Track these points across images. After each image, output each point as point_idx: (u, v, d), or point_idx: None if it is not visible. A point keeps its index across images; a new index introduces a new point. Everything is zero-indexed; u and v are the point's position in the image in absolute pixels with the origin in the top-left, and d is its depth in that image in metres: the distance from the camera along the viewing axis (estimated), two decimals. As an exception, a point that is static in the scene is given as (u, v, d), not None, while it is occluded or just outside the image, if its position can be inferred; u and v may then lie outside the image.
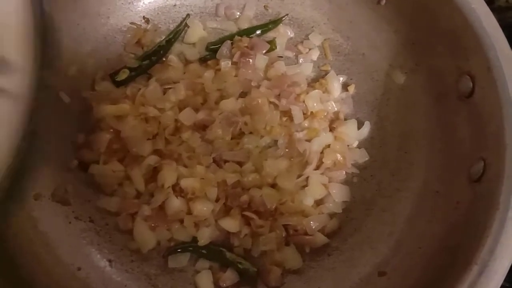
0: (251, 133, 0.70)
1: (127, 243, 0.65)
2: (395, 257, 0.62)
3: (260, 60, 0.74)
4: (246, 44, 0.74)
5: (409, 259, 0.60)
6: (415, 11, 0.67)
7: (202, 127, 0.70)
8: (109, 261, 0.64)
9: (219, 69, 0.73)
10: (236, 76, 0.73)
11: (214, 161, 0.68)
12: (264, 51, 0.75)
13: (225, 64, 0.73)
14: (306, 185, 0.68)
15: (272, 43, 0.77)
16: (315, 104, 0.72)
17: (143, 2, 0.76)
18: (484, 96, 0.58)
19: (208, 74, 0.73)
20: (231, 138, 0.69)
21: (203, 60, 0.76)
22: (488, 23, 0.58)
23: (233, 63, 0.74)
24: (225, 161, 0.69)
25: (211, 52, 0.76)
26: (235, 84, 0.72)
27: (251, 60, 0.73)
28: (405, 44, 0.71)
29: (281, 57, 0.77)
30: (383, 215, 0.67)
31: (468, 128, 0.61)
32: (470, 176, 0.58)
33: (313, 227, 0.66)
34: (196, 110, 0.70)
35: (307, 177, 0.68)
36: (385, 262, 0.62)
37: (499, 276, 0.48)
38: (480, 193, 0.55)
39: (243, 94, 0.73)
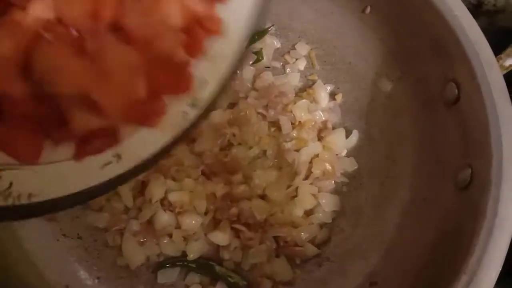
0: (239, 144, 0.70)
1: (115, 260, 0.64)
2: (385, 267, 0.62)
3: (247, 71, 0.75)
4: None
5: (400, 269, 0.60)
6: (399, 19, 0.67)
7: (190, 139, 0.70)
8: (98, 278, 0.63)
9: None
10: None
11: (203, 173, 0.68)
12: (250, 62, 0.75)
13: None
14: (295, 196, 0.68)
15: (258, 54, 0.77)
16: (303, 114, 0.72)
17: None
18: (469, 103, 0.58)
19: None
20: (220, 150, 0.69)
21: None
22: (471, 30, 0.58)
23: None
24: (214, 174, 0.68)
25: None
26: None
27: (238, 71, 0.73)
28: (390, 52, 0.71)
29: (268, 67, 0.77)
30: (373, 224, 0.67)
31: (455, 135, 0.60)
32: (458, 183, 0.57)
33: (303, 238, 0.66)
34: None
35: (297, 188, 0.68)
36: (376, 272, 0.62)
37: (487, 285, 0.48)
38: (468, 200, 0.55)
39: (230, 105, 0.73)
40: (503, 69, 0.59)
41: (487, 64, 0.56)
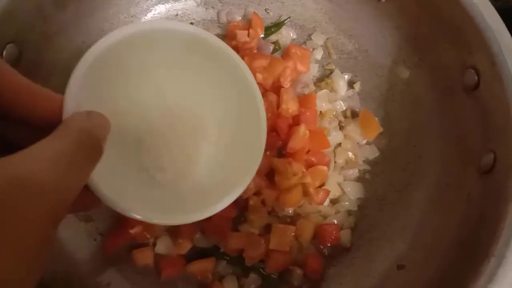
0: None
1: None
2: (411, 250, 0.64)
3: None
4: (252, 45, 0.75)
5: (426, 252, 0.62)
6: (416, 7, 0.68)
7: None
8: (138, 273, 0.66)
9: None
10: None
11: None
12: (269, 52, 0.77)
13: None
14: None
15: (276, 44, 0.78)
16: (324, 104, 0.73)
17: (145, 14, 0.76)
18: (489, 89, 0.59)
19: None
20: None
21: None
22: (490, 18, 0.59)
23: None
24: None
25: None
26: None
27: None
28: (407, 39, 0.72)
29: (286, 58, 0.78)
30: (396, 209, 0.69)
31: (475, 120, 0.62)
32: (480, 168, 0.59)
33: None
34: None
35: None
36: (402, 255, 0.64)
37: (517, 267, 0.50)
38: (492, 185, 0.57)
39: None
40: (522, 56, 0.60)
41: (507, 51, 0.58)
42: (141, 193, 0.44)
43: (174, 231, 0.66)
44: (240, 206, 0.67)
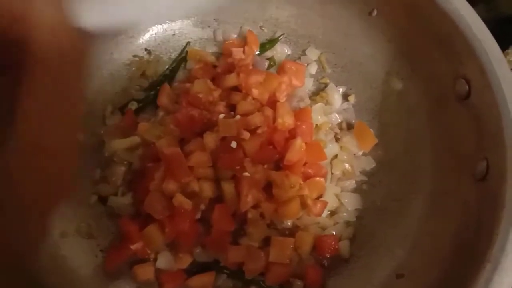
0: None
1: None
2: (411, 259, 0.65)
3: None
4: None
5: (425, 260, 0.63)
6: (406, 20, 0.70)
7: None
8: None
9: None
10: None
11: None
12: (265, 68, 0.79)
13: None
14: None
15: (271, 59, 0.80)
16: (319, 117, 0.74)
17: (143, 35, 0.79)
18: (480, 98, 0.61)
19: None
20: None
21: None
22: (478, 29, 0.61)
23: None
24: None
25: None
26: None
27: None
28: (399, 52, 0.73)
29: (282, 74, 0.80)
30: (395, 218, 0.69)
31: (468, 129, 0.63)
32: (475, 175, 0.60)
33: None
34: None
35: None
36: (402, 264, 0.65)
37: (512, 272, 0.51)
38: (486, 192, 0.57)
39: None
40: (510, 64, 0.61)
41: (496, 60, 0.59)
42: None
43: (174, 246, 0.67)
44: (239, 219, 0.67)
